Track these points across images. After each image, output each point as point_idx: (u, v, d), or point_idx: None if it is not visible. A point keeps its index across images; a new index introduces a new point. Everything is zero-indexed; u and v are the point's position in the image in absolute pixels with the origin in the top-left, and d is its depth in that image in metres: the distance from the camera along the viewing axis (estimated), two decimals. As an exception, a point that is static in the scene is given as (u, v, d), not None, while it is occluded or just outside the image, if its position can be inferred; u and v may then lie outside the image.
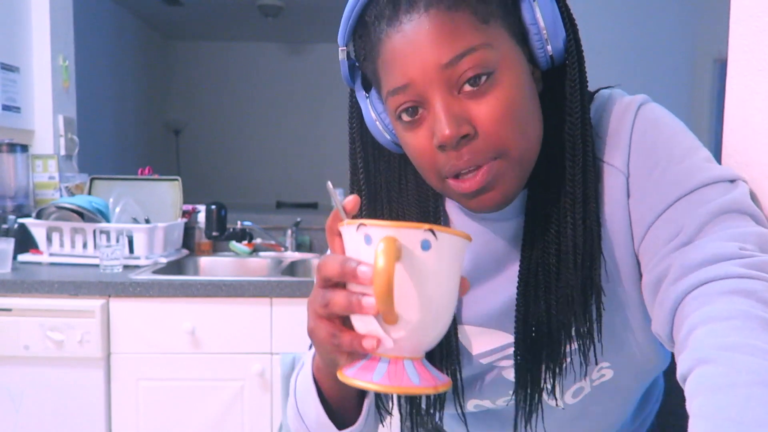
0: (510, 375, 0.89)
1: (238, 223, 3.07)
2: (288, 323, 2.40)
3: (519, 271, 0.83)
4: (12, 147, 2.80)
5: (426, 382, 0.61)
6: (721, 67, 4.55)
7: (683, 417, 0.59)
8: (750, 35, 0.82)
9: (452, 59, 0.70)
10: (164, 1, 6.07)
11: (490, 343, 0.89)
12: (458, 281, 0.63)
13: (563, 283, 0.79)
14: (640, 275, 0.80)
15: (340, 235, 0.67)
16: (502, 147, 0.73)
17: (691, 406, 0.56)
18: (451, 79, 0.71)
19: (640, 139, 0.79)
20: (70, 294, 2.33)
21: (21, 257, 2.70)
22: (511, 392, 0.89)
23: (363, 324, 0.63)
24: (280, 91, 7.86)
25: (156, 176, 3.08)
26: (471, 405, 0.95)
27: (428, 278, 0.60)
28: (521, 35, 0.76)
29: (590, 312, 0.80)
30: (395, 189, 0.88)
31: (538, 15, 0.74)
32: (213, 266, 3.04)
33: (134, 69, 6.70)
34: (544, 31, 0.75)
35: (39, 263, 2.69)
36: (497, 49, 0.71)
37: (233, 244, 3.08)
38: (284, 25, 6.91)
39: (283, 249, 3.12)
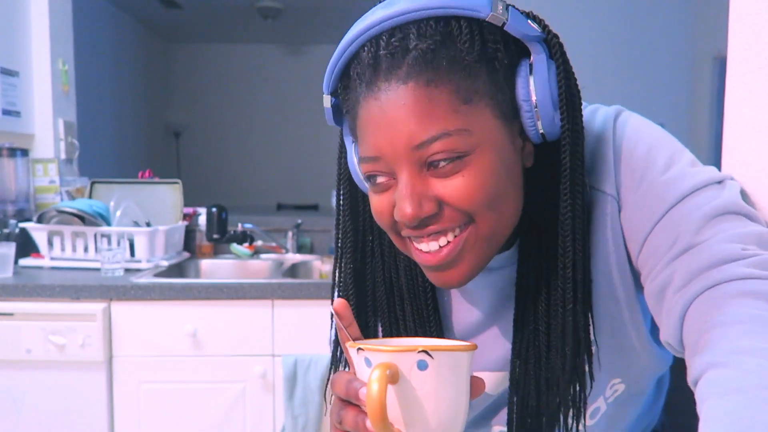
0: None
1: (239, 225, 3.07)
2: (289, 325, 2.40)
3: (514, 320, 0.83)
4: (12, 151, 2.80)
5: None
6: (720, 65, 4.54)
7: (690, 413, 0.59)
8: (749, 33, 0.82)
9: (424, 141, 0.68)
10: (163, 4, 6.07)
11: (502, 380, 0.90)
12: (465, 389, 0.64)
13: (553, 349, 0.79)
14: (640, 288, 0.80)
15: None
16: (469, 219, 0.72)
17: (701, 410, 0.55)
18: (421, 158, 0.69)
19: (622, 156, 0.78)
20: (72, 298, 2.33)
21: (22, 261, 2.70)
22: None
23: None
24: (280, 92, 7.86)
25: (156, 179, 3.08)
26: (496, 429, 0.96)
27: (429, 396, 0.61)
28: (513, 109, 0.73)
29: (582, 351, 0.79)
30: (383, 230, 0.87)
31: (532, 93, 0.71)
32: (214, 269, 3.04)
33: (134, 72, 6.70)
34: (536, 109, 0.72)
35: (40, 267, 2.69)
36: (474, 133, 0.69)
37: (234, 246, 3.08)
38: (284, 27, 6.91)
39: (284, 251, 3.12)
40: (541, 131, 0.72)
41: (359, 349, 0.63)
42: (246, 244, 3.08)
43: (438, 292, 0.88)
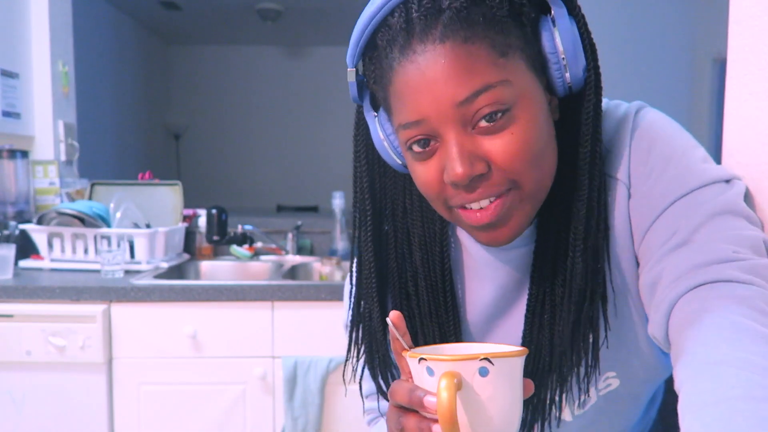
0: None
1: (239, 227, 3.07)
2: (289, 326, 2.40)
3: (527, 300, 0.83)
4: (12, 153, 2.80)
5: None
6: (720, 67, 4.54)
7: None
8: (749, 35, 0.82)
9: (468, 97, 0.68)
10: (164, 5, 6.07)
11: None
12: (520, 390, 0.67)
13: (565, 317, 0.80)
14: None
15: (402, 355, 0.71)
16: (516, 181, 0.72)
17: (682, 424, 0.56)
18: (466, 115, 0.69)
19: (637, 146, 0.79)
20: (72, 299, 2.33)
21: (22, 263, 2.70)
22: None
23: None
24: (280, 94, 7.85)
25: (156, 181, 3.08)
26: None
27: (490, 400, 0.64)
28: (540, 64, 0.74)
29: (588, 345, 0.80)
30: (400, 208, 0.88)
31: (558, 43, 0.72)
32: (214, 270, 3.04)
33: (134, 74, 6.69)
34: (564, 60, 0.73)
35: (40, 269, 2.69)
36: (515, 84, 0.69)
37: (234, 248, 3.08)
38: (284, 29, 6.91)
39: (284, 252, 3.12)
40: (569, 82, 0.74)
41: (422, 359, 0.65)
42: (246, 246, 3.09)
43: (453, 271, 0.89)
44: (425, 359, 0.65)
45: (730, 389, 0.54)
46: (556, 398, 0.85)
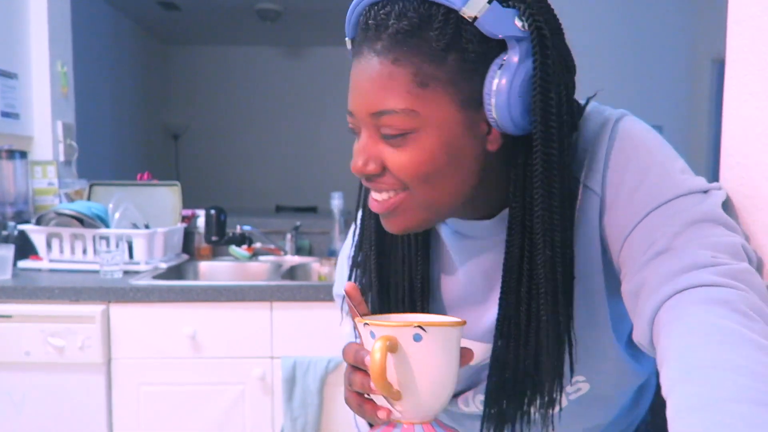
0: None
1: (238, 227, 3.07)
2: (288, 327, 2.40)
3: (500, 293, 0.85)
4: (11, 153, 2.79)
5: None
6: (719, 68, 4.55)
7: None
8: (748, 35, 0.82)
9: (375, 113, 0.75)
10: (162, 6, 6.07)
11: (486, 351, 0.91)
12: (455, 358, 0.75)
13: (534, 315, 0.82)
14: (613, 290, 0.83)
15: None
16: (407, 188, 0.79)
17: (671, 429, 0.56)
18: (376, 125, 0.76)
19: (615, 156, 0.81)
20: (71, 300, 2.33)
21: (21, 264, 2.70)
22: None
23: (378, 399, 0.77)
24: (279, 95, 7.85)
25: (155, 181, 3.08)
26: (479, 398, 0.99)
27: (423, 363, 0.73)
28: (479, 100, 0.76)
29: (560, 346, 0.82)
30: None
31: (493, 89, 0.74)
32: (213, 271, 3.04)
33: (133, 74, 6.70)
34: (491, 105, 0.74)
35: (39, 269, 2.69)
36: (422, 115, 0.74)
37: (233, 248, 3.08)
38: (283, 29, 6.91)
39: (282, 253, 3.12)
40: (499, 125, 0.76)
41: (366, 323, 0.74)
42: (245, 246, 3.09)
43: (431, 261, 0.95)
44: (368, 324, 0.74)
45: (718, 392, 0.54)
46: (526, 399, 0.86)
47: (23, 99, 2.93)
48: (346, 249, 1.04)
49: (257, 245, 3.14)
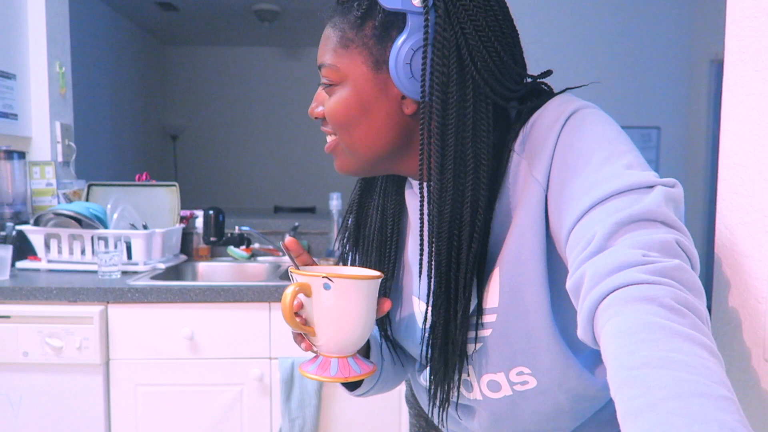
0: None
1: (236, 228, 3.07)
2: (286, 328, 2.39)
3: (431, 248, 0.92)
4: (9, 154, 2.79)
5: (341, 373, 0.91)
6: (717, 68, 4.56)
7: None
8: (746, 36, 0.82)
9: (319, 65, 0.94)
10: (161, 6, 6.07)
11: None
12: (365, 306, 0.90)
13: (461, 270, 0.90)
14: (559, 278, 0.87)
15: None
16: (334, 128, 0.95)
17: None
18: (321, 76, 0.94)
19: (562, 149, 0.83)
20: (69, 300, 2.32)
21: (19, 264, 2.70)
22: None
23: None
24: (277, 95, 7.86)
25: (153, 182, 3.08)
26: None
27: (332, 307, 0.88)
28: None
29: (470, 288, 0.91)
30: None
31: (389, 58, 0.87)
32: (211, 271, 3.04)
33: (131, 75, 6.70)
34: (390, 72, 0.88)
35: (37, 270, 2.69)
36: (341, 71, 0.91)
37: (231, 249, 3.08)
38: (281, 30, 6.92)
39: (281, 254, 3.12)
40: (399, 88, 0.88)
41: (291, 273, 0.90)
42: (243, 247, 3.09)
43: (404, 214, 1.07)
44: (292, 273, 0.89)
45: (657, 391, 0.55)
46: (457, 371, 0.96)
47: (21, 99, 2.93)
48: None
49: (255, 246, 3.14)
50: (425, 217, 0.91)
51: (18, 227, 2.71)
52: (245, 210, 5.73)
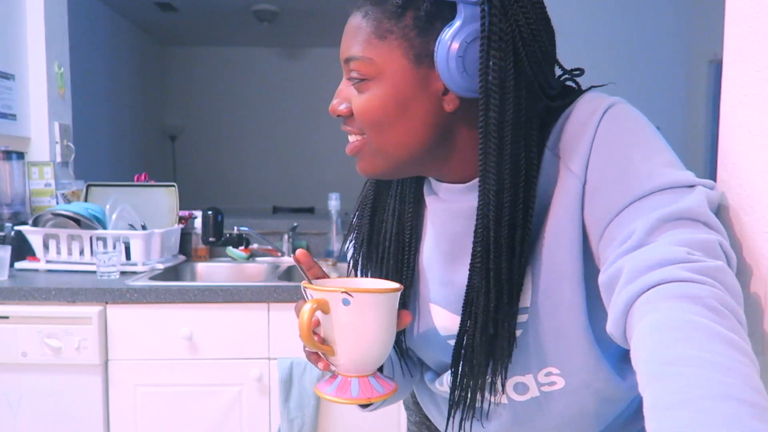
0: None
1: (235, 228, 3.07)
2: (285, 328, 2.40)
3: (471, 253, 0.87)
4: (8, 154, 2.79)
5: (362, 394, 0.84)
6: (716, 69, 4.55)
7: None
8: (745, 36, 0.82)
9: (346, 59, 0.86)
10: (160, 7, 6.07)
11: (454, 327, 0.93)
12: (386, 321, 0.83)
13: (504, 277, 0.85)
14: (590, 275, 0.84)
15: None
16: (364, 128, 0.87)
17: (648, 428, 0.56)
18: (348, 70, 0.86)
19: (599, 143, 0.82)
20: (68, 301, 2.32)
21: (18, 264, 2.70)
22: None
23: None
24: (276, 95, 7.86)
25: (152, 182, 3.08)
26: (447, 380, 1.00)
27: (352, 324, 0.81)
28: (432, 57, 0.83)
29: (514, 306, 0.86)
30: None
31: (437, 51, 0.81)
32: (210, 272, 3.04)
33: (130, 75, 6.69)
34: (437, 66, 0.82)
35: (36, 270, 2.68)
36: (378, 64, 0.83)
37: (230, 249, 3.08)
38: (280, 30, 6.91)
39: (279, 254, 3.11)
40: (445, 84, 0.82)
41: (305, 288, 0.84)
42: (242, 248, 3.08)
43: (420, 217, 1.01)
44: (306, 288, 0.83)
45: (690, 389, 0.54)
46: (488, 378, 0.90)
47: (20, 100, 2.93)
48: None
49: (254, 246, 3.14)
50: (471, 222, 0.86)
51: (17, 228, 2.71)
52: (244, 210, 5.73)
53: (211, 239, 2.97)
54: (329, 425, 2.42)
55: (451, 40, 0.79)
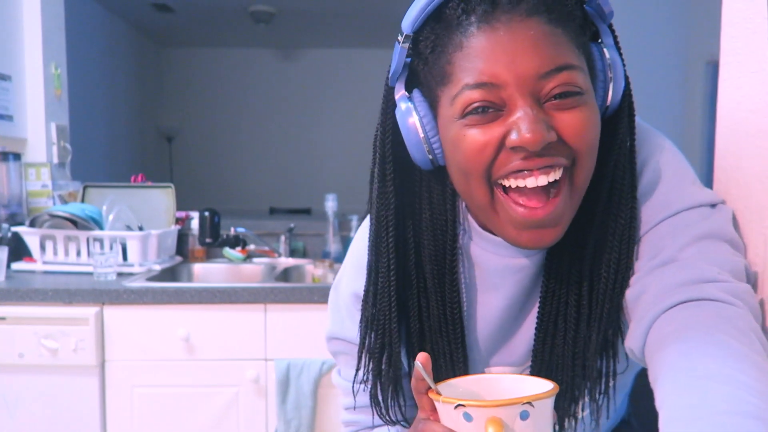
0: None
1: (232, 229, 3.07)
2: (282, 329, 2.39)
3: (538, 312, 0.83)
4: (5, 155, 2.79)
5: None
6: (713, 69, 4.56)
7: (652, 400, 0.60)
8: (742, 37, 0.82)
9: (551, 70, 0.69)
10: (156, 8, 6.06)
11: None
12: (552, 425, 0.66)
13: (581, 337, 0.80)
14: None
15: (425, 394, 0.70)
16: (576, 159, 0.72)
17: None
18: (542, 90, 0.69)
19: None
20: (64, 302, 2.32)
21: (15, 265, 2.69)
22: None
23: None
24: (272, 97, 7.85)
25: (149, 183, 3.08)
26: None
27: None
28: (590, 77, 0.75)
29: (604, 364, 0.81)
30: (409, 209, 0.85)
31: (608, 60, 0.75)
32: (207, 273, 3.04)
33: (127, 76, 6.68)
34: (611, 76, 0.76)
35: (33, 271, 2.68)
36: (586, 77, 0.72)
37: (227, 250, 3.07)
38: (276, 31, 6.91)
39: (276, 255, 3.11)
40: (608, 102, 0.77)
41: (459, 405, 0.64)
42: (239, 249, 3.08)
43: (462, 285, 0.87)
44: (463, 405, 0.63)
45: (711, 404, 0.54)
46: (567, 418, 0.85)
47: (17, 101, 2.93)
48: (345, 288, 0.95)
49: (251, 247, 3.14)
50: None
51: (13, 229, 2.71)
52: (241, 211, 5.72)
53: (207, 240, 2.97)
54: (326, 426, 2.42)
55: (609, 54, 0.77)
